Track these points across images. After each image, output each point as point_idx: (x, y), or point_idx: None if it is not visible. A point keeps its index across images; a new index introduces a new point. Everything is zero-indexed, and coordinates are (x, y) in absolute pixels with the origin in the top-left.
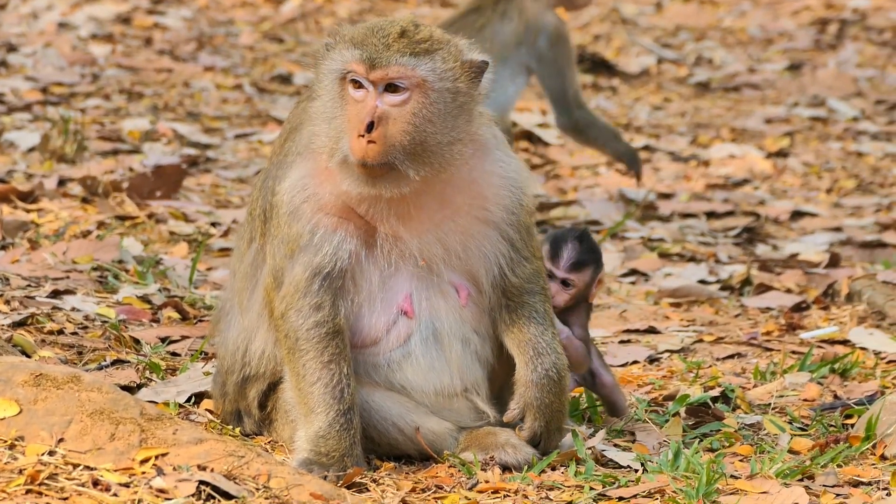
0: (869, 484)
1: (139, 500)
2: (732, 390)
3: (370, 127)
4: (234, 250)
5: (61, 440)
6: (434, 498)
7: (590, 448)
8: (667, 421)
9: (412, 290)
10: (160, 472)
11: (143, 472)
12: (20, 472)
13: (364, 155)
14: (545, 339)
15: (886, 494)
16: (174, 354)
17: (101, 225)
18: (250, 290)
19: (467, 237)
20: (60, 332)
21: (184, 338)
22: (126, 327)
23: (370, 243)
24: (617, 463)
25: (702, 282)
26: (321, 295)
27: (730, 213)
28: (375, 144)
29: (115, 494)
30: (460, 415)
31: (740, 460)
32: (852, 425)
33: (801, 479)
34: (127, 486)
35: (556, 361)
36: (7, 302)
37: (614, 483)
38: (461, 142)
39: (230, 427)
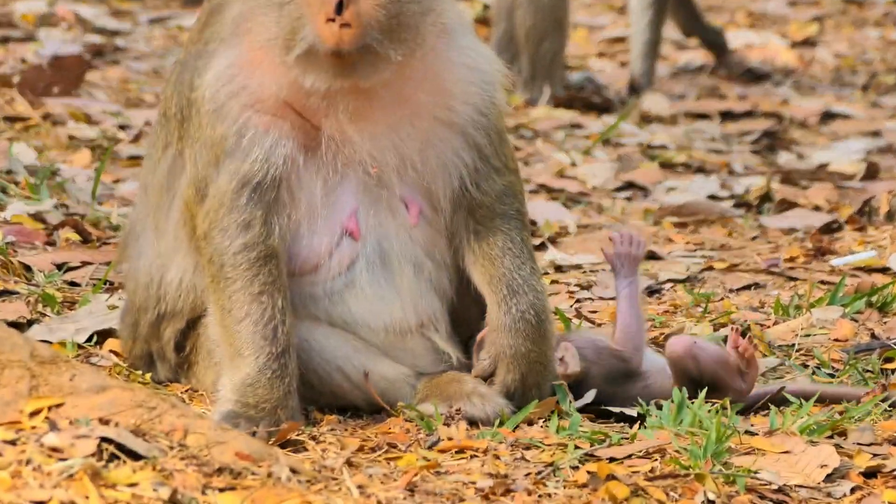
0: None
1: (27, 461)
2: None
3: (340, 7)
4: (146, 159)
5: None
6: (386, 458)
7: (579, 405)
8: None
9: (358, 206)
10: (53, 426)
11: (34, 427)
12: None
13: (338, 41)
14: (521, 275)
15: None
16: (73, 284)
17: None
18: (167, 206)
19: (426, 144)
20: None
21: (85, 264)
22: (15, 251)
23: (311, 147)
24: (608, 416)
25: (712, 197)
26: (250, 210)
27: (747, 115)
28: (350, 27)
29: None
30: (417, 357)
31: (757, 414)
32: (893, 370)
33: (831, 436)
34: (13, 443)
35: (534, 302)
36: None
37: (604, 441)
38: (434, 12)
39: (140, 373)
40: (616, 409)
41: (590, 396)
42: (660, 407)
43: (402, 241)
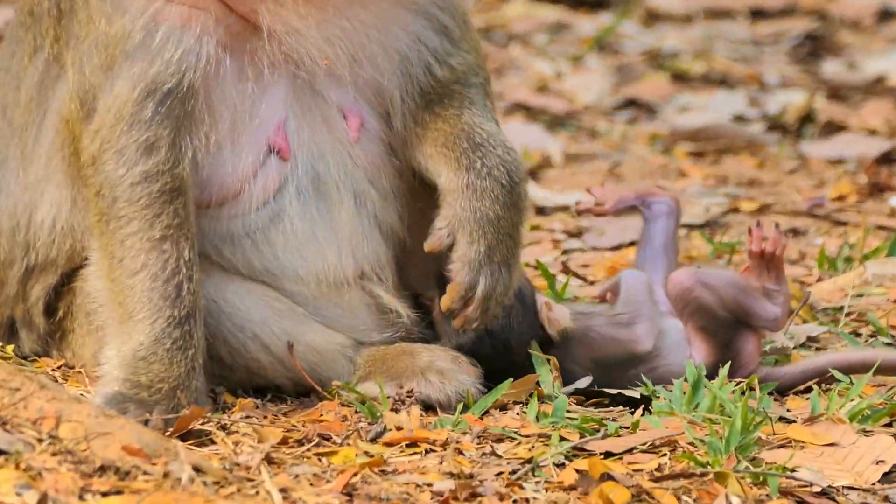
0: None
1: None
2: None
3: None
4: (2, 73)
5: None
6: (316, 454)
7: (567, 391)
8: None
9: (287, 115)
10: None
11: None
12: None
13: None
14: (487, 129)
15: None
16: None
17: None
18: (35, 125)
19: (382, 32)
20: None
21: None
22: None
23: (237, 45)
24: (603, 399)
25: (738, 118)
26: (156, 127)
27: (784, 12)
28: None
29: None
30: (356, 318)
31: (795, 395)
32: None
33: (889, 424)
34: None
35: (504, 158)
36: None
37: (598, 431)
38: None
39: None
40: (612, 391)
41: (584, 382)
42: (669, 386)
43: (340, 163)
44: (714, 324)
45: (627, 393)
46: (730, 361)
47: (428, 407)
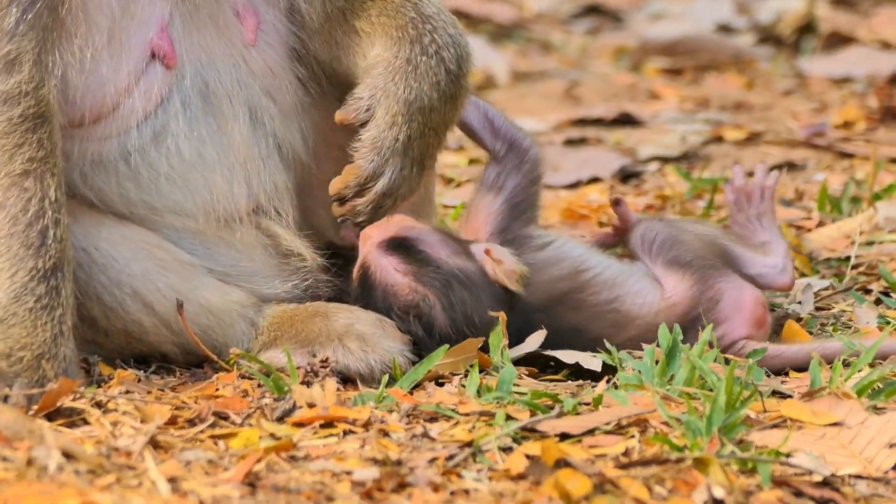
0: None
1: None
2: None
3: None
4: None
5: None
6: (211, 437)
7: (516, 357)
8: None
9: (172, 15)
10: None
11: None
12: None
13: None
14: (434, 4)
15: None
16: None
17: None
18: None
19: None
20: None
21: None
22: None
23: None
24: (558, 369)
25: (723, 28)
26: (18, 40)
27: None
28: None
29: None
30: (253, 262)
31: (793, 369)
32: None
33: None
34: None
35: (457, 40)
36: None
37: (552, 409)
38: None
39: None
40: (570, 360)
41: (534, 341)
42: (638, 353)
43: (233, 71)
44: (688, 253)
45: (586, 362)
46: (710, 320)
47: (346, 380)
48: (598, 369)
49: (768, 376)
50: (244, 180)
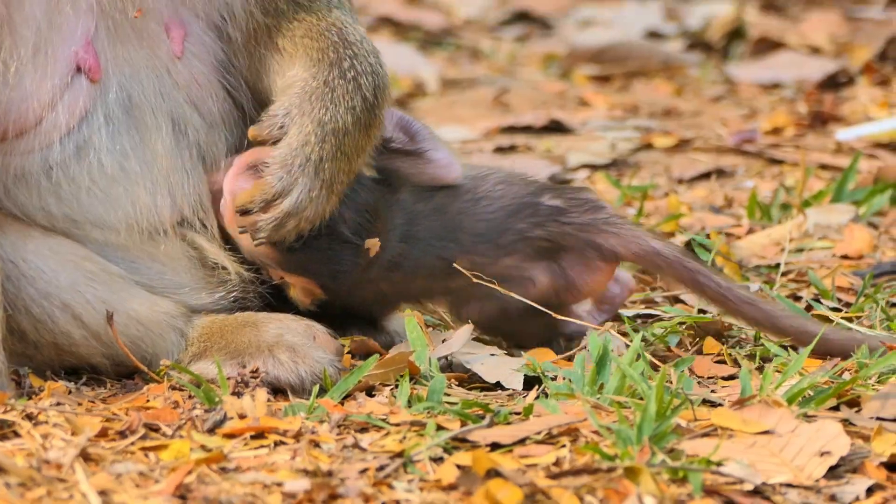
0: None
1: None
2: (707, 237)
3: None
4: None
5: None
6: (142, 449)
7: (443, 358)
8: None
9: (96, 27)
10: None
11: None
12: None
13: None
14: (360, 32)
15: None
16: None
17: None
18: None
19: None
20: None
21: None
22: None
23: None
24: (488, 379)
25: (652, 35)
26: None
27: None
28: None
29: None
30: (178, 275)
31: (723, 377)
32: None
33: (836, 408)
34: None
35: (377, 70)
36: None
37: (483, 418)
38: None
39: None
40: (491, 379)
41: (460, 340)
42: (568, 364)
43: (157, 83)
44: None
45: (507, 383)
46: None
47: (277, 390)
48: (520, 387)
49: (700, 382)
50: (168, 192)
